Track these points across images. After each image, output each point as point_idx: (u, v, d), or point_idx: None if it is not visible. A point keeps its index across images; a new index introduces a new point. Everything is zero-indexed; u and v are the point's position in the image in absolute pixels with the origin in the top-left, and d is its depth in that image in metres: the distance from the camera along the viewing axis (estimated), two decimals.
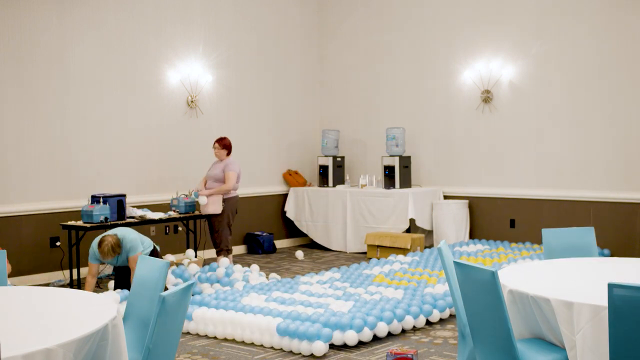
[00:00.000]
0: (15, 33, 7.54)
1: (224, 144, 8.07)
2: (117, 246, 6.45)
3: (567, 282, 3.74)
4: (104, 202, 7.23)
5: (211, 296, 6.17)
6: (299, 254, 9.24)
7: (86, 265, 7.81)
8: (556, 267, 4.10)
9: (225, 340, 5.50)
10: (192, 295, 6.16)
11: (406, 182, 9.56)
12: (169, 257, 7.94)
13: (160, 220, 7.78)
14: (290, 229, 10.44)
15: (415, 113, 9.95)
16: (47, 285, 7.41)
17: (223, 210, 7.95)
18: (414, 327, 5.69)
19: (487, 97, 9.26)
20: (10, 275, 4.02)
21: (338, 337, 5.14)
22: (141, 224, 7.62)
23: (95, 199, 7.28)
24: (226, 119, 9.64)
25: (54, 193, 7.86)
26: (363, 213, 9.53)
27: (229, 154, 8.08)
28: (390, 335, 5.50)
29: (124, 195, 7.43)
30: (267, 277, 7.48)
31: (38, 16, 7.70)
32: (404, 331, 5.62)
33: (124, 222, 7.37)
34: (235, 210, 8.15)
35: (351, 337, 5.16)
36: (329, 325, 5.15)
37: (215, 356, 5.10)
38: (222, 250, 7.99)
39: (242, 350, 5.23)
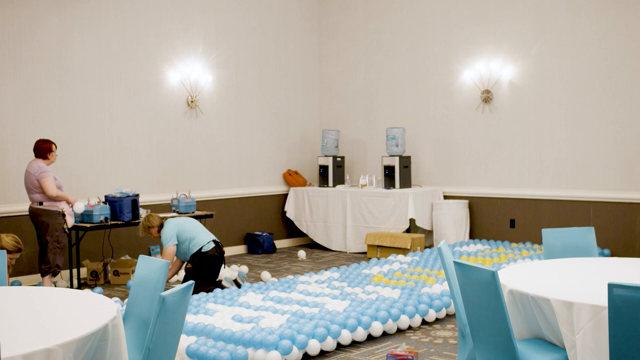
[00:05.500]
0: (15, 33, 7.55)
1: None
2: (147, 227, 6.88)
3: (567, 282, 3.74)
4: (115, 202, 7.28)
5: (209, 295, 6.17)
6: (302, 253, 9.24)
7: (85, 266, 7.81)
8: (556, 267, 4.10)
9: None
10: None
11: (406, 182, 9.56)
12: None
13: None
14: (290, 229, 10.44)
15: (415, 113, 9.95)
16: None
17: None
18: (410, 326, 5.69)
19: (487, 97, 9.25)
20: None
21: (332, 337, 5.12)
22: None
23: (108, 199, 7.34)
24: (226, 119, 9.64)
25: None
26: (363, 213, 9.52)
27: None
28: (390, 335, 5.51)
29: (137, 195, 7.48)
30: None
31: (38, 15, 7.71)
32: (403, 331, 5.62)
33: (137, 221, 7.43)
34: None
35: (345, 337, 5.16)
36: (323, 325, 5.12)
37: None
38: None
39: None
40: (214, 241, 6.92)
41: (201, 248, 6.82)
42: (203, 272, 6.79)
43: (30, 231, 7.24)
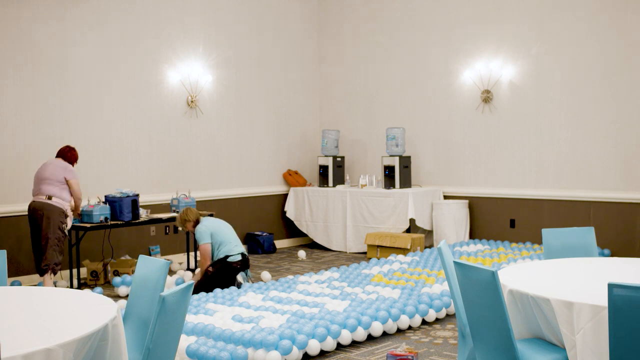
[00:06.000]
0: (15, 33, 7.54)
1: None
2: (184, 220, 6.98)
3: (567, 282, 3.74)
4: (115, 202, 7.29)
5: (209, 295, 6.17)
6: (302, 253, 9.24)
7: (85, 266, 7.82)
8: (556, 267, 4.10)
9: None
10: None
11: (406, 182, 9.56)
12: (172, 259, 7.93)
13: (160, 220, 7.78)
14: (290, 229, 10.44)
15: (415, 113, 9.95)
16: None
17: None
18: (410, 326, 5.69)
19: (487, 97, 9.25)
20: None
21: (332, 337, 5.12)
22: (143, 224, 7.63)
23: (108, 199, 7.35)
24: (226, 119, 9.64)
25: None
26: (363, 213, 9.52)
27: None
28: (390, 335, 5.51)
29: (137, 195, 7.49)
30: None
31: (38, 16, 7.70)
32: (403, 331, 5.62)
33: (137, 221, 7.43)
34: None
35: (345, 337, 5.16)
36: (323, 325, 5.12)
37: None
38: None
39: None
40: (242, 254, 6.92)
41: (227, 257, 6.82)
42: (221, 279, 6.77)
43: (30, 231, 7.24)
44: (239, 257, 6.86)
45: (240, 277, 6.88)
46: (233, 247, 6.89)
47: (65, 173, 6.91)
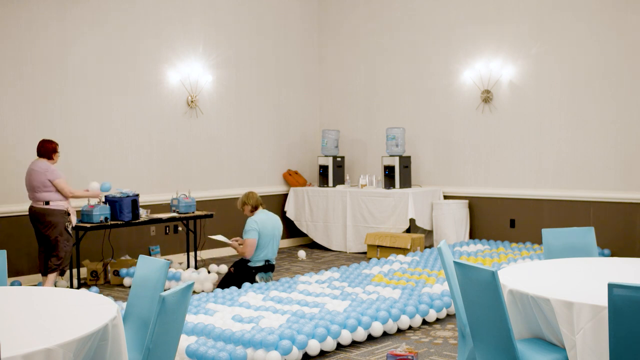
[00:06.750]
0: (15, 33, 7.54)
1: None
2: (243, 203, 7.16)
3: (567, 282, 3.74)
4: (115, 202, 7.29)
5: (209, 295, 6.18)
6: (302, 253, 9.24)
7: (85, 265, 7.82)
8: (556, 267, 4.10)
9: None
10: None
11: (406, 182, 9.56)
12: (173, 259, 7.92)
13: (160, 220, 7.78)
14: (291, 229, 10.44)
15: (415, 113, 9.95)
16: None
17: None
18: (410, 326, 5.69)
19: (487, 97, 9.25)
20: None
21: (332, 337, 5.12)
22: (143, 224, 7.63)
23: (108, 199, 7.34)
24: (226, 119, 9.64)
25: None
26: (363, 213, 9.52)
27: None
28: (390, 335, 5.51)
29: (137, 195, 7.48)
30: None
31: (38, 16, 7.70)
32: (403, 331, 5.62)
33: (137, 221, 7.43)
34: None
35: (345, 337, 5.16)
36: (323, 325, 5.12)
37: None
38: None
39: None
40: (267, 260, 7.03)
41: (249, 261, 6.96)
42: (240, 278, 6.92)
43: (30, 231, 7.23)
44: (262, 263, 7.01)
45: (258, 277, 6.95)
46: (267, 254, 7.00)
47: (47, 175, 6.80)
